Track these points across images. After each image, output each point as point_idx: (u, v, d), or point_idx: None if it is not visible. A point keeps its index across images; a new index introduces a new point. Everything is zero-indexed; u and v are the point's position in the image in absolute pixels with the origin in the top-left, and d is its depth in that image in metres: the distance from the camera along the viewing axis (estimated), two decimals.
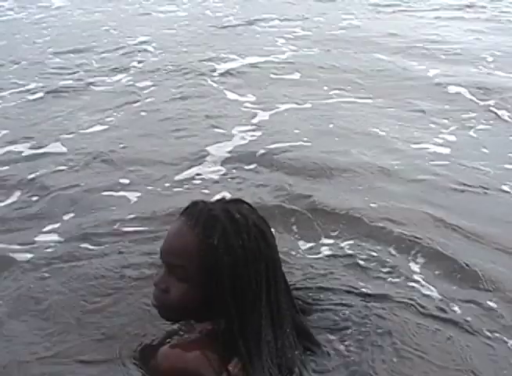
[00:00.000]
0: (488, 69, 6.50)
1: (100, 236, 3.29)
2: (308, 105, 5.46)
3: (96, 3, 11.43)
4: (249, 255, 1.97)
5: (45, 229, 3.41)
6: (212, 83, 6.24)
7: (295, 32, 8.52)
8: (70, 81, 6.47)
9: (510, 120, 4.99)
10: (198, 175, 4.07)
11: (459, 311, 2.56)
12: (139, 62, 7.14)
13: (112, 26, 9.39)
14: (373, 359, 2.18)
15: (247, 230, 2.00)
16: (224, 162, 4.26)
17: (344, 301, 2.49)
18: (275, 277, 2.04)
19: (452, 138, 4.63)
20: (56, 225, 3.45)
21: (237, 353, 1.92)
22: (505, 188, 3.76)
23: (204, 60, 7.04)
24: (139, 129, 5.07)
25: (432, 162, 4.19)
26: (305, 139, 4.62)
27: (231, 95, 5.80)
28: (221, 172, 4.10)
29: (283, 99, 5.60)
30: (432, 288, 2.72)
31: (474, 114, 5.12)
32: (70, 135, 4.89)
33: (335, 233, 3.25)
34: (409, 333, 2.36)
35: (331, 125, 4.95)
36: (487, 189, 3.75)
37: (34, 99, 5.94)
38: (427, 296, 2.65)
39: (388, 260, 2.95)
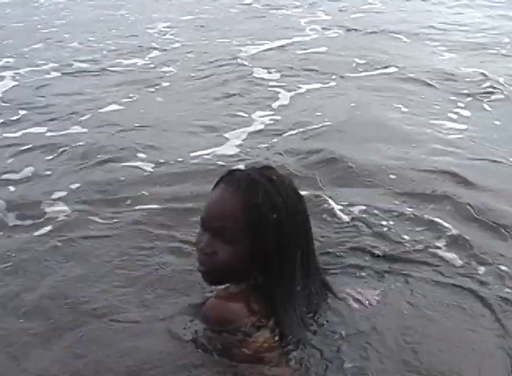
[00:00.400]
0: (505, 50, 6.70)
1: (115, 205, 3.37)
2: (333, 83, 5.57)
3: None
4: (290, 212, 2.16)
5: (61, 201, 3.45)
6: (235, 66, 6.25)
7: (318, 16, 8.54)
8: (86, 64, 6.52)
9: None
10: (215, 152, 4.10)
11: (479, 271, 2.66)
12: (158, 47, 7.16)
13: (130, 9, 9.43)
14: (389, 310, 2.36)
15: (285, 190, 2.19)
16: (242, 141, 4.30)
17: (361, 263, 2.69)
18: (308, 232, 2.25)
19: (467, 113, 4.86)
20: (73, 197, 3.51)
21: (273, 306, 2.11)
22: None
23: (227, 45, 7.07)
24: (157, 109, 5.12)
25: (450, 135, 4.35)
26: (326, 119, 4.65)
27: (256, 77, 5.83)
28: (237, 150, 4.13)
29: (307, 78, 5.68)
30: (455, 246, 2.85)
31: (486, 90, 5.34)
32: (88, 115, 4.93)
33: (355, 198, 3.34)
34: (426, 291, 2.49)
35: (353, 104, 5.02)
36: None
37: (51, 79, 6.00)
38: (448, 256, 2.78)
39: (412, 219, 3.10)
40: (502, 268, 2.67)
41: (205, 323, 2.13)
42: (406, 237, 2.93)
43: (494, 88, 5.38)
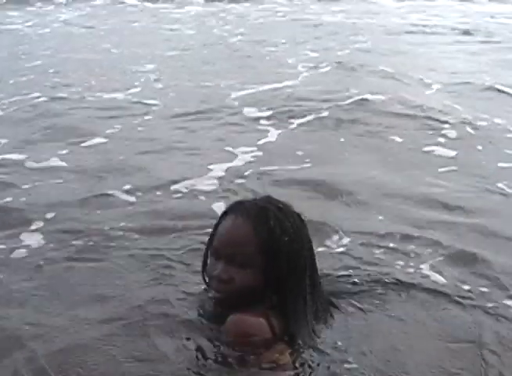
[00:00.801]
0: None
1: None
2: (324, 119, 5.65)
3: (102, 18, 11.52)
4: (298, 235, 2.39)
5: (39, 231, 3.44)
6: (223, 106, 6.19)
7: (306, 54, 8.61)
8: (66, 94, 6.51)
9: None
10: (194, 186, 4.13)
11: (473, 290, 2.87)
12: (142, 84, 7.05)
13: (114, 43, 9.45)
14: (381, 319, 2.63)
15: (292, 216, 2.42)
16: (222, 177, 4.32)
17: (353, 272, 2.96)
18: (313, 255, 2.47)
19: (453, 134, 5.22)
20: (51, 227, 3.49)
21: (287, 321, 2.32)
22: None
23: (215, 85, 6.98)
24: (140, 142, 5.12)
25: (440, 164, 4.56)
26: (307, 160, 4.67)
27: (245, 116, 5.83)
28: (217, 186, 4.16)
29: (297, 116, 5.73)
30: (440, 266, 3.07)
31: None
32: (69, 144, 4.94)
33: (345, 225, 3.48)
34: (417, 310, 2.72)
35: (342, 139, 5.14)
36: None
37: (32, 111, 5.97)
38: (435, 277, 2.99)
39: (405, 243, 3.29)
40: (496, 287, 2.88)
41: (227, 337, 2.28)
42: (400, 262, 3.09)
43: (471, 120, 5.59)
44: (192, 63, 8.22)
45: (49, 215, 3.61)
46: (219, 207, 3.58)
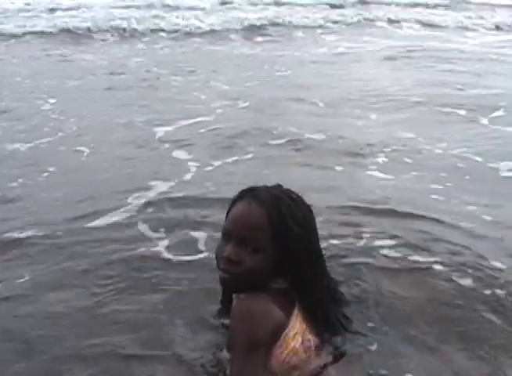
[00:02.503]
0: None
1: None
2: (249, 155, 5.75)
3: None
4: (308, 225, 2.58)
5: None
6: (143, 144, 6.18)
7: (218, 86, 8.56)
8: None
9: None
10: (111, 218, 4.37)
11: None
12: (50, 128, 6.70)
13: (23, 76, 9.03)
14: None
15: (302, 204, 2.61)
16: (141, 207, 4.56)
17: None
18: (319, 246, 2.67)
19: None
20: None
21: (302, 291, 2.54)
22: None
23: (128, 123, 6.86)
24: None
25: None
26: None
27: (172, 156, 5.81)
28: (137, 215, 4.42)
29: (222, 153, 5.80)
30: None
31: None
32: None
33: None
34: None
35: (266, 172, 5.25)
36: None
37: None
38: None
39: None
40: None
41: (234, 320, 2.36)
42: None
43: None
44: (94, 98, 8.01)
45: None
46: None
